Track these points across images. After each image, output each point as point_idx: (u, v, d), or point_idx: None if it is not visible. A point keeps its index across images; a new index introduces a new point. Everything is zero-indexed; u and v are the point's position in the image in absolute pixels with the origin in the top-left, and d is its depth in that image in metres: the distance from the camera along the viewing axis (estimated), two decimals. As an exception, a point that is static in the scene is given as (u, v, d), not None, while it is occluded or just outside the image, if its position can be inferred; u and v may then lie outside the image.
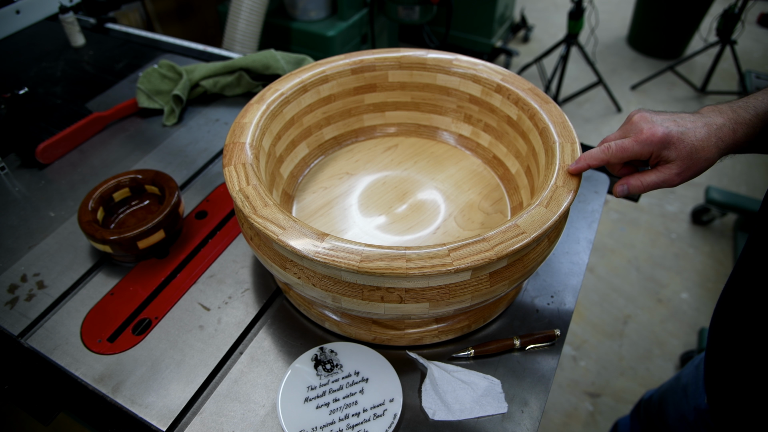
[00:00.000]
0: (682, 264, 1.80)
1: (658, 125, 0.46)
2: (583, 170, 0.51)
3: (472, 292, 0.49)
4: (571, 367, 1.51)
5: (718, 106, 0.50)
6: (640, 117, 0.49)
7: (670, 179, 0.47)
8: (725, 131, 0.47)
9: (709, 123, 0.47)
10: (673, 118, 0.47)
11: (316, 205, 0.69)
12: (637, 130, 0.48)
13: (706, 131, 0.46)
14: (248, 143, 0.58)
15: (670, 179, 0.47)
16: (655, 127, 0.46)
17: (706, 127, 0.47)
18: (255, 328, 0.62)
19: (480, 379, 0.55)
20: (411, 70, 0.72)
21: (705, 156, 0.46)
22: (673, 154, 0.46)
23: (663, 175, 0.47)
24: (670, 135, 0.46)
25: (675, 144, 0.46)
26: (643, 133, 0.47)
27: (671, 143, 0.46)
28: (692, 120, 0.47)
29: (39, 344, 0.61)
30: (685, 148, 0.46)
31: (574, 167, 0.51)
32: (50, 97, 1.01)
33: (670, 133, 0.46)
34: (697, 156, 0.46)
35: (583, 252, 0.70)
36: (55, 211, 0.78)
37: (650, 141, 0.46)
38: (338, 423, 0.52)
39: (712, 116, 0.48)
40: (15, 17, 1.22)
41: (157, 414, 0.54)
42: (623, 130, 0.50)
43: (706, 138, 0.46)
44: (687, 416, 0.72)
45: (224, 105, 0.98)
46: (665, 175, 0.47)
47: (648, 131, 0.46)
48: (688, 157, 0.46)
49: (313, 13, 2.00)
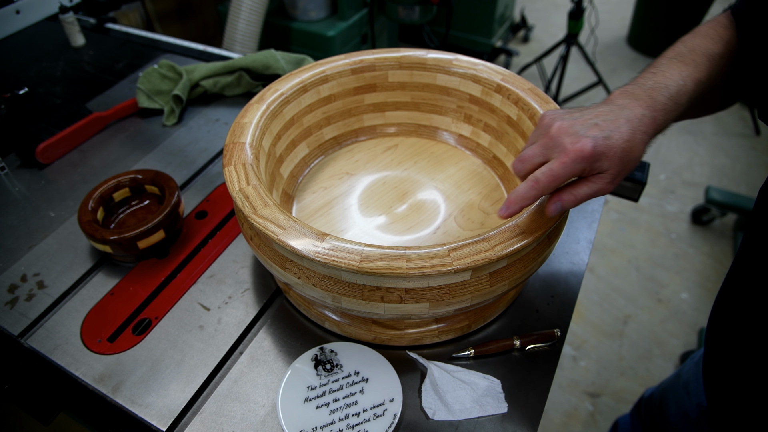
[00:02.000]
0: (682, 264, 1.80)
1: (582, 137, 0.42)
2: (517, 213, 0.46)
3: (472, 292, 0.49)
4: (571, 367, 1.51)
5: (631, 90, 0.46)
6: (560, 129, 0.44)
7: (603, 188, 0.45)
8: (646, 121, 0.44)
9: (630, 117, 0.44)
10: (593, 121, 0.43)
11: (316, 205, 0.69)
12: (561, 148, 0.43)
13: (630, 128, 0.43)
14: (248, 143, 0.58)
15: (603, 188, 0.45)
16: (581, 141, 0.42)
17: (629, 124, 0.43)
18: (255, 328, 0.62)
19: (480, 379, 0.55)
20: (411, 70, 0.72)
21: (635, 156, 0.44)
22: (605, 164, 0.43)
23: (596, 185, 0.45)
24: (598, 148, 0.42)
25: (605, 153, 0.42)
26: (569, 153, 0.42)
27: (603, 154, 0.43)
28: (612, 118, 0.43)
29: (39, 344, 0.61)
30: (616, 155, 0.42)
31: (506, 212, 0.46)
32: (50, 97, 1.01)
33: (598, 145, 0.42)
34: (628, 158, 0.44)
35: (583, 252, 0.70)
36: (55, 211, 0.78)
37: (580, 159, 0.42)
38: (338, 423, 0.52)
39: (630, 106, 0.44)
40: (15, 17, 1.22)
41: (157, 414, 0.54)
42: (543, 144, 0.45)
43: (631, 137, 0.43)
44: (689, 414, 0.72)
45: (224, 105, 0.98)
46: (598, 185, 0.45)
47: (574, 149, 0.42)
48: (620, 163, 0.43)
49: (313, 13, 2.00)
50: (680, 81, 0.47)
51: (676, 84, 0.47)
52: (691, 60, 0.49)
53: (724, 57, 0.51)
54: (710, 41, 0.51)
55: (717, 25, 0.53)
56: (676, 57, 0.50)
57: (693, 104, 0.49)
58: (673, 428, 0.77)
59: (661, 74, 0.48)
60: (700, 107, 0.54)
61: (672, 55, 0.50)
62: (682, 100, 0.47)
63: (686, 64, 0.49)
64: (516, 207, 0.45)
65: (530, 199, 0.45)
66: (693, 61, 0.49)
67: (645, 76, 0.49)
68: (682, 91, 0.47)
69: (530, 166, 0.46)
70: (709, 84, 0.50)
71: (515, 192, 0.45)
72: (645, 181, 0.82)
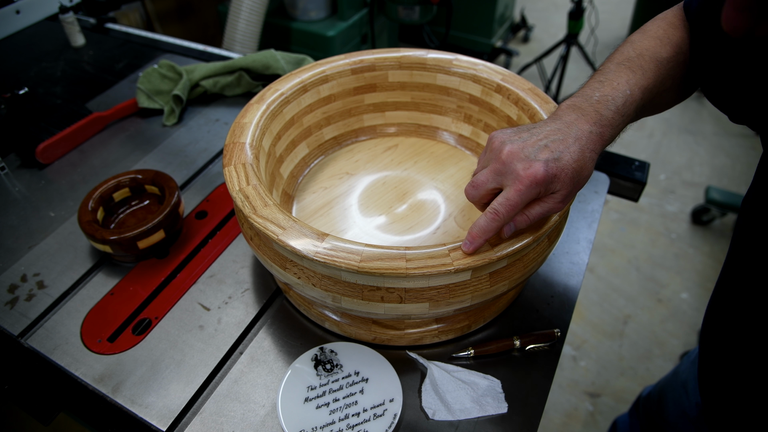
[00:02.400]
0: (682, 264, 1.80)
1: (533, 162, 0.42)
2: (481, 247, 0.46)
3: (472, 292, 0.49)
4: (571, 367, 1.51)
5: (578, 103, 0.46)
6: (511, 154, 0.43)
7: (555, 207, 0.45)
8: (594, 138, 0.44)
9: (578, 136, 0.44)
10: (542, 143, 0.43)
11: (316, 205, 0.69)
12: (514, 175, 0.43)
13: (579, 147, 0.43)
14: (248, 143, 0.58)
15: (555, 207, 0.45)
16: (533, 167, 0.42)
17: (578, 143, 0.43)
18: (255, 328, 0.62)
19: (480, 379, 0.55)
20: (411, 70, 0.72)
21: (585, 174, 0.44)
22: (558, 185, 0.43)
23: (548, 205, 0.45)
24: (550, 171, 0.42)
25: (557, 176, 0.43)
26: (522, 180, 0.42)
27: (555, 177, 0.43)
28: (561, 138, 0.44)
29: (39, 344, 0.61)
30: (567, 176, 0.43)
31: (471, 248, 0.45)
32: (50, 97, 1.01)
33: (549, 168, 0.42)
34: (579, 177, 0.44)
35: (583, 252, 0.70)
36: (55, 211, 0.78)
37: (534, 185, 0.42)
38: (338, 423, 0.52)
39: (578, 123, 0.45)
40: (15, 17, 1.22)
41: (157, 414, 0.54)
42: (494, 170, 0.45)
43: (581, 156, 0.43)
44: (688, 412, 0.72)
45: (224, 105, 0.98)
46: (550, 205, 0.45)
47: (527, 174, 0.42)
48: (571, 183, 0.44)
49: (313, 13, 2.00)
50: (627, 91, 0.47)
51: (623, 95, 0.47)
52: (639, 66, 0.49)
53: (672, 61, 0.50)
54: (659, 44, 0.50)
55: (667, 25, 0.52)
56: (624, 62, 0.49)
57: (642, 110, 0.50)
58: (672, 427, 0.77)
59: (609, 83, 0.47)
60: (652, 109, 0.53)
61: (620, 60, 0.50)
62: (629, 110, 0.47)
63: (633, 71, 0.48)
64: (480, 241, 0.45)
65: (492, 231, 0.44)
66: (640, 67, 0.49)
67: (592, 85, 0.48)
68: (629, 101, 0.47)
69: (484, 192, 0.46)
70: (657, 89, 0.49)
71: (476, 226, 0.45)
72: (645, 181, 0.82)
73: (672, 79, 0.51)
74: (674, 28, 0.52)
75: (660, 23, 0.53)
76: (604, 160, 0.85)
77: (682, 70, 0.51)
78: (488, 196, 0.46)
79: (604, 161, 0.85)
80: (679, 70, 0.51)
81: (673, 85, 0.52)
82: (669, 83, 0.51)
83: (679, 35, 0.51)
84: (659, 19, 0.53)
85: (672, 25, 0.52)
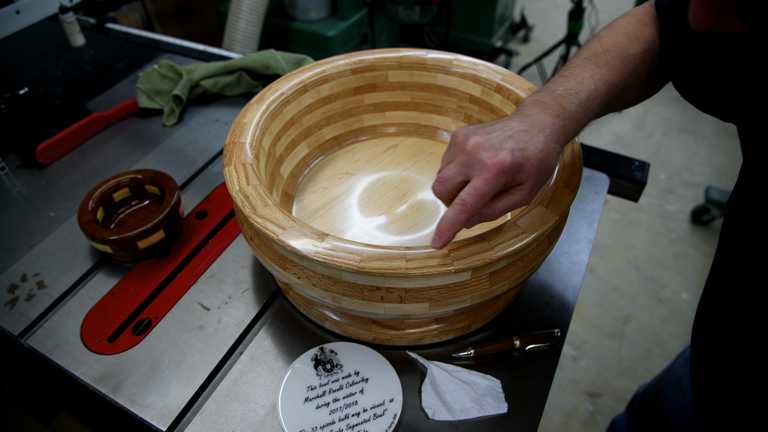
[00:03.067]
0: (682, 264, 1.80)
1: (499, 150, 0.42)
2: (451, 240, 0.45)
3: (472, 292, 0.49)
4: (571, 367, 1.51)
5: (541, 98, 0.46)
6: (476, 145, 0.43)
7: (522, 200, 0.45)
8: (557, 129, 0.44)
9: (542, 127, 0.44)
10: (507, 134, 0.43)
11: (316, 205, 0.69)
12: (481, 164, 0.42)
13: (543, 139, 0.43)
14: (248, 143, 0.58)
15: (522, 200, 0.45)
16: (499, 155, 0.42)
17: (542, 134, 0.44)
18: (255, 328, 0.62)
19: (480, 379, 0.55)
20: (411, 70, 0.72)
21: (551, 165, 0.44)
22: (524, 176, 0.43)
23: (516, 198, 0.45)
24: (516, 159, 0.42)
25: (523, 164, 0.42)
26: (489, 168, 0.42)
27: (521, 165, 0.42)
28: (525, 128, 0.44)
29: (39, 344, 0.61)
30: (533, 165, 0.43)
31: (440, 242, 0.45)
32: (50, 97, 1.01)
33: (516, 157, 0.42)
34: (545, 168, 0.44)
35: (583, 252, 0.70)
36: (55, 211, 0.78)
37: (502, 172, 0.42)
38: (338, 423, 0.52)
39: (540, 116, 0.45)
40: (15, 17, 1.22)
41: (157, 414, 0.54)
42: (460, 162, 0.44)
43: (545, 146, 0.43)
44: (684, 409, 0.72)
45: (224, 105, 0.98)
46: (517, 198, 0.45)
47: (494, 162, 0.42)
48: (538, 174, 0.43)
49: (313, 13, 2.00)
50: (591, 86, 0.47)
51: (587, 89, 0.47)
52: (605, 62, 0.49)
53: (639, 57, 0.50)
54: (626, 40, 0.50)
55: (636, 22, 0.52)
56: (591, 57, 0.49)
57: (608, 105, 0.50)
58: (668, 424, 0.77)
59: (573, 78, 0.47)
60: (619, 104, 0.53)
61: (587, 55, 0.50)
62: (593, 105, 0.47)
63: (599, 66, 0.48)
64: (449, 234, 0.44)
65: (461, 223, 0.44)
66: (606, 62, 0.49)
67: (557, 80, 0.48)
68: (593, 96, 0.47)
69: (451, 187, 0.45)
70: (623, 85, 0.49)
71: (444, 219, 0.44)
72: (645, 181, 0.82)
73: (639, 76, 0.51)
74: (643, 25, 0.52)
75: (630, 19, 0.53)
76: (604, 160, 0.85)
77: (650, 66, 0.51)
78: (455, 191, 0.45)
79: (604, 161, 0.85)
80: (647, 66, 0.51)
81: (640, 81, 0.52)
82: (636, 79, 0.51)
83: (648, 32, 0.51)
84: (629, 15, 0.54)
85: (641, 22, 0.52)
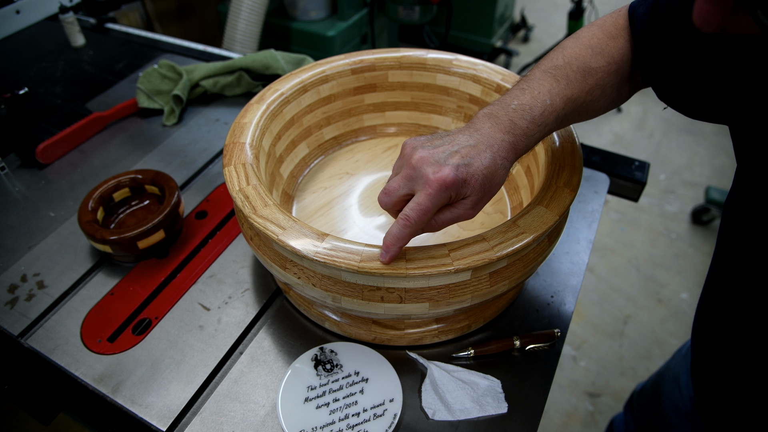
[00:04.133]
0: (682, 264, 1.80)
1: (443, 166, 0.42)
2: (398, 254, 0.46)
3: (472, 292, 0.49)
4: (571, 367, 1.51)
5: (494, 111, 0.47)
6: (421, 159, 0.43)
7: (465, 214, 0.45)
8: (506, 146, 0.45)
9: (490, 143, 0.44)
10: (453, 149, 0.44)
11: (316, 205, 0.69)
12: (425, 179, 0.43)
13: (490, 155, 0.43)
14: (248, 143, 0.58)
15: (465, 214, 0.45)
16: (443, 170, 0.42)
17: (489, 150, 0.44)
18: (255, 328, 0.62)
19: (480, 379, 0.55)
20: (411, 70, 0.72)
21: (496, 181, 0.44)
22: (468, 191, 0.43)
23: (458, 211, 0.45)
24: (460, 175, 0.42)
25: (468, 181, 0.43)
26: (432, 183, 0.42)
27: (465, 182, 0.43)
28: (472, 144, 0.44)
29: (39, 344, 0.61)
30: (477, 182, 0.43)
31: (387, 257, 0.45)
32: (50, 97, 1.01)
33: (459, 173, 0.42)
34: (490, 184, 0.44)
35: (583, 252, 0.70)
36: (55, 211, 0.78)
37: (444, 188, 0.42)
38: (338, 423, 0.52)
39: (490, 130, 0.45)
40: (15, 17, 1.22)
41: (157, 414, 0.54)
42: (405, 176, 0.45)
43: (492, 162, 0.44)
44: (681, 407, 0.72)
45: (224, 105, 0.98)
46: (460, 211, 0.45)
47: (436, 178, 0.42)
48: (482, 189, 0.44)
49: (313, 13, 2.00)
50: (547, 101, 0.47)
51: (541, 105, 0.46)
52: (564, 75, 0.48)
53: (602, 70, 0.49)
54: (590, 53, 0.50)
55: (602, 33, 0.51)
56: (550, 70, 0.49)
57: (566, 119, 0.49)
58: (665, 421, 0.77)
59: (530, 92, 0.47)
60: (581, 116, 0.53)
61: (547, 67, 0.49)
62: (548, 120, 0.47)
63: (558, 80, 0.48)
64: (395, 249, 0.45)
65: (406, 237, 0.44)
66: (566, 76, 0.48)
67: (513, 92, 0.48)
68: (548, 111, 0.47)
69: (396, 199, 0.46)
70: (583, 99, 0.49)
71: (390, 234, 0.44)
72: (645, 181, 0.82)
73: (602, 89, 0.50)
74: (610, 37, 0.51)
75: (596, 31, 0.52)
76: (604, 160, 0.85)
77: (614, 79, 0.51)
78: (401, 203, 0.46)
79: (604, 161, 0.85)
80: (610, 79, 0.51)
81: (604, 93, 0.51)
82: (598, 92, 0.50)
83: (614, 45, 0.50)
84: (596, 26, 0.53)
85: (608, 34, 0.51)
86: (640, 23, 0.50)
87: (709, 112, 0.48)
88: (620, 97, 0.54)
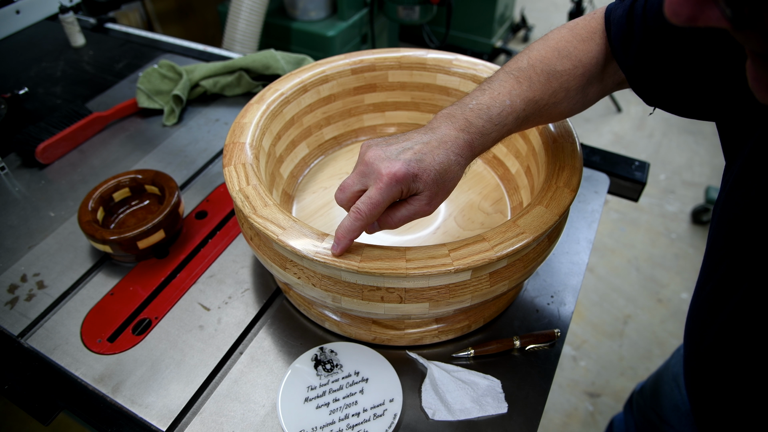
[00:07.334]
0: (682, 264, 1.80)
1: (395, 161, 0.43)
2: (348, 247, 0.46)
3: (472, 292, 0.49)
4: (571, 367, 1.51)
5: (452, 111, 0.47)
6: (374, 155, 0.44)
7: (421, 210, 0.46)
8: (460, 143, 0.45)
9: (444, 140, 0.45)
10: (407, 146, 0.44)
11: (316, 205, 0.69)
12: (376, 174, 0.43)
13: (444, 152, 0.44)
14: (248, 143, 0.58)
15: (421, 210, 0.46)
16: (393, 165, 0.43)
17: (442, 147, 0.44)
18: (255, 328, 0.62)
19: (480, 379, 0.55)
20: (411, 70, 0.72)
21: (450, 177, 0.45)
22: (420, 185, 0.44)
23: (414, 207, 0.45)
24: (411, 170, 0.43)
25: (419, 175, 0.43)
26: (383, 177, 0.43)
27: (416, 176, 0.43)
28: (426, 141, 0.45)
29: (39, 344, 0.61)
30: (430, 177, 0.43)
31: (338, 249, 0.46)
32: (50, 97, 1.01)
33: (411, 168, 0.43)
34: (443, 180, 0.44)
35: (583, 252, 0.70)
36: (55, 211, 0.78)
37: (394, 182, 0.43)
38: (338, 423, 0.52)
39: (446, 129, 0.45)
40: (15, 17, 1.22)
41: (157, 414, 0.54)
42: (359, 172, 0.46)
43: (446, 160, 0.44)
44: (681, 406, 0.72)
45: (224, 105, 0.98)
46: (416, 207, 0.45)
47: (387, 173, 0.43)
48: (435, 185, 0.44)
49: (313, 13, 2.00)
50: (506, 101, 0.47)
51: (500, 105, 0.47)
52: (527, 77, 0.49)
53: (568, 74, 0.50)
54: (556, 56, 0.50)
55: (572, 37, 0.51)
56: (513, 72, 0.49)
57: (527, 120, 0.50)
58: (665, 421, 0.77)
59: (490, 92, 0.48)
60: (545, 118, 0.53)
61: (511, 68, 0.50)
62: (507, 120, 0.47)
63: (520, 82, 0.48)
64: (345, 241, 0.45)
65: (357, 230, 0.45)
66: (528, 78, 0.49)
67: (474, 93, 0.49)
68: (506, 112, 0.47)
69: (350, 194, 0.46)
70: (546, 101, 0.49)
71: (341, 227, 0.45)
72: (645, 181, 0.82)
73: (566, 92, 0.50)
74: (580, 40, 0.51)
75: (565, 33, 0.52)
76: (604, 160, 0.85)
77: (579, 82, 0.51)
78: (354, 199, 0.47)
79: (604, 161, 0.85)
80: (576, 82, 0.51)
81: (568, 96, 0.51)
82: (562, 95, 0.50)
83: (582, 48, 0.50)
84: (566, 29, 0.52)
85: (578, 37, 0.51)
86: (617, 25, 0.49)
87: (695, 110, 0.48)
88: (587, 99, 0.54)
